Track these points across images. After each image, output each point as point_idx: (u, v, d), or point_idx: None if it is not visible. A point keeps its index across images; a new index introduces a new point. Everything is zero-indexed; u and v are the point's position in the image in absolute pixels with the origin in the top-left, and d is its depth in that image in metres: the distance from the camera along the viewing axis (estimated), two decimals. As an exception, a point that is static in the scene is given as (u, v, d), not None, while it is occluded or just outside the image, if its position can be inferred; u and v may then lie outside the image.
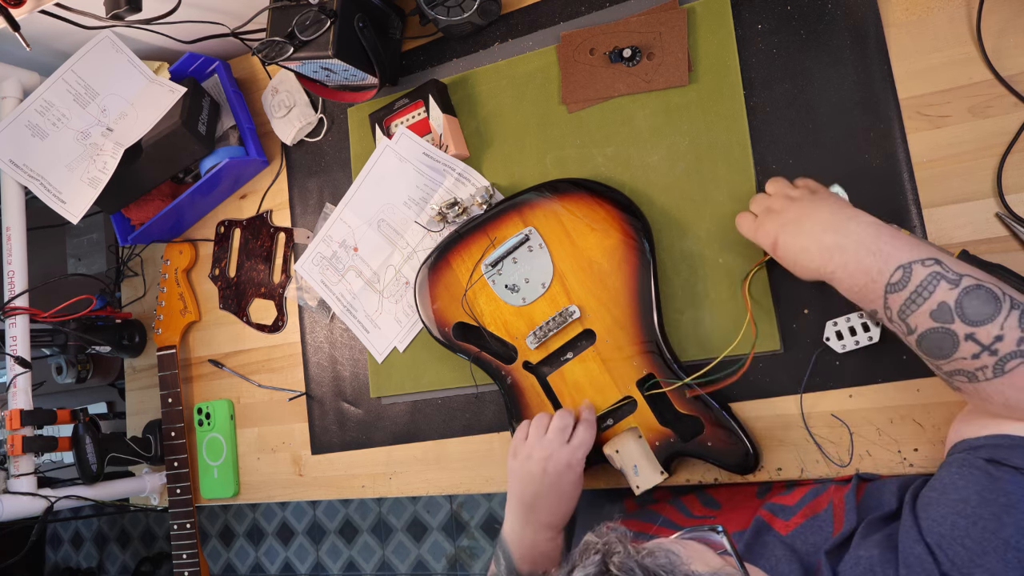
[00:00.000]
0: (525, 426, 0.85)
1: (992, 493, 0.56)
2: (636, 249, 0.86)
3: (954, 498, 0.58)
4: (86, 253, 1.47)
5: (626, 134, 0.93)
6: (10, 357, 1.10)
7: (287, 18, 0.93)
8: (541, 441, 0.82)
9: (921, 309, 0.61)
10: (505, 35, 1.01)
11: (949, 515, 0.57)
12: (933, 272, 0.61)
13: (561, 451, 0.81)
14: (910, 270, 0.62)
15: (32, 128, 1.10)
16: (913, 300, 0.62)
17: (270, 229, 1.18)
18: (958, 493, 0.58)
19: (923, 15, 0.81)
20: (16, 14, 0.91)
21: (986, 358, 0.59)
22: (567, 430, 0.82)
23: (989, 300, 0.59)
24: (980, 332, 0.59)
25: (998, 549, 0.54)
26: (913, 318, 0.62)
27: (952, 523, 0.57)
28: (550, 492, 0.80)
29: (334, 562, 2.34)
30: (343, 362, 1.11)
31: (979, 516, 0.56)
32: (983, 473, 0.58)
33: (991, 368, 0.59)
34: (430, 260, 0.97)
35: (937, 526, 0.58)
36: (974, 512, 0.56)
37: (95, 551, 2.79)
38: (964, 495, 0.58)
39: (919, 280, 0.62)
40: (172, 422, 1.18)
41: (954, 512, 0.57)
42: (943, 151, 0.79)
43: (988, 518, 0.55)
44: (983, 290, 0.60)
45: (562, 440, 0.81)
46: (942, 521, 0.58)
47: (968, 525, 0.56)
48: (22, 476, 1.07)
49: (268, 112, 1.16)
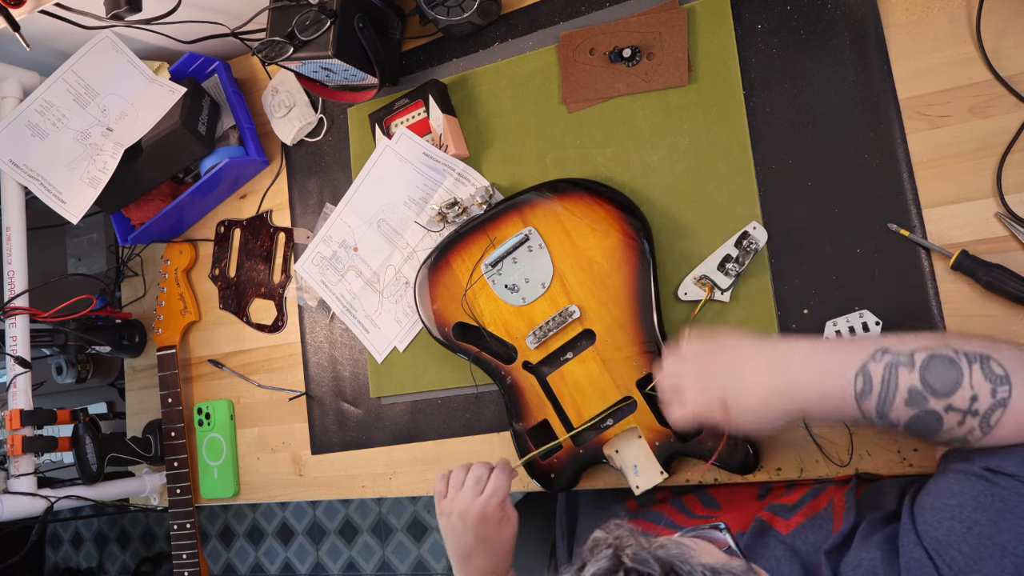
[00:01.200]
0: (442, 481, 0.85)
1: (988, 498, 0.56)
2: (636, 249, 0.86)
3: (951, 503, 0.58)
4: (86, 253, 1.47)
5: (626, 134, 0.93)
6: (10, 357, 1.10)
7: (287, 18, 0.93)
8: (457, 496, 0.82)
9: (896, 403, 0.61)
10: (505, 35, 1.01)
11: (946, 520, 0.58)
12: (887, 363, 0.61)
13: (473, 504, 0.80)
14: (867, 372, 0.62)
15: (32, 128, 1.10)
16: (884, 399, 0.62)
17: (270, 229, 1.18)
18: (955, 498, 0.58)
19: (923, 15, 0.81)
20: (16, 14, 0.91)
21: (970, 421, 0.59)
22: (481, 481, 0.82)
23: (947, 366, 0.60)
24: (955, 400, 0.59)
25: (995, 555, 0.54)
26: (892, 414, 0.62)
27: (949, 528, 0.57)
28: (476, 543, 0.81)
29: (334, 562, 2.34)
30: (343, 362, 1.11)
31: (975, 521, 0.56)
32: (979, 479, 0.58)
33: (978, 428, 0.59)
34: (430, 260, 0.97)
35: (934, 531, 0.58)
36: (970, 517, 0.56)
37: (95, 551, 2.79)
38: (960, 500, 0.58)
39: (880, 378, 0.61)
40: (172, 422, 1.18)
41: (951, 517, 0.57)
42: (943, 151, 0.79)
43: (984, 523, 0.55)
44: (937, 359, 0.60)
45: (476, 493, 0.81)
46: (938, 526, 0.58)
47: (964, 531, 0.56)
48: (22, 476, 1.07)
49: (268, 112, 1.16)
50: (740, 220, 0.86)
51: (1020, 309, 0.74)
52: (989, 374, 0.58)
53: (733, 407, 0.67)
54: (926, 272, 0.78)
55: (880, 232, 0.80)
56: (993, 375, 0.58)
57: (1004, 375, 0.58)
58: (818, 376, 0.64)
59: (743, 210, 0.86)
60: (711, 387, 0.68)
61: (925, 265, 0.78)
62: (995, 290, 0.74)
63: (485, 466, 0.83)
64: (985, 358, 0.59)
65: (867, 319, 0.79)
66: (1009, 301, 0.74)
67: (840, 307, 0.81)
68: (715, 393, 0.67)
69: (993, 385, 0.58)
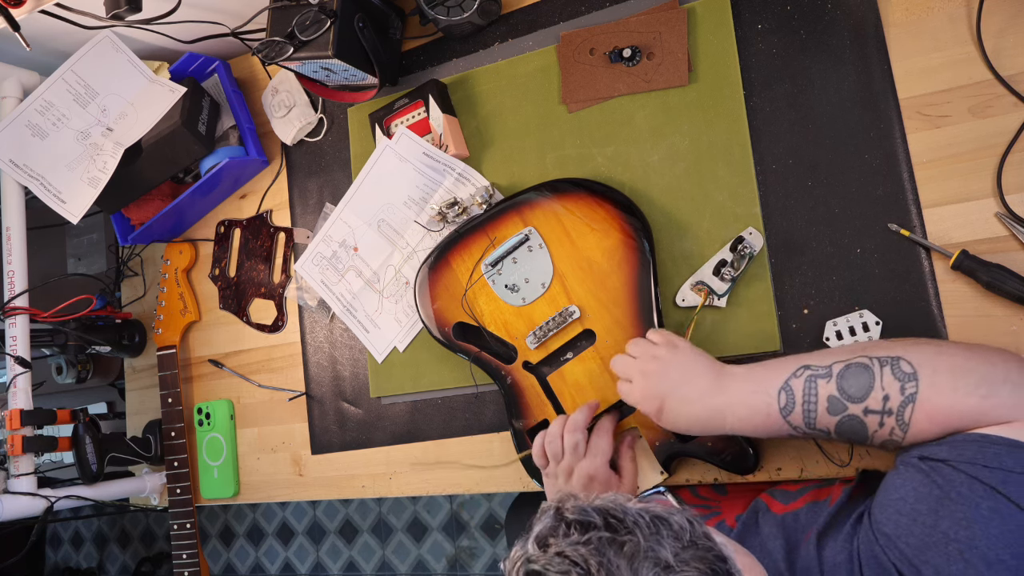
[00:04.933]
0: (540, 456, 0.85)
1: (926, 488, 0.58)
2: (636, 249, 0.86)
3: (894, 497, 0.60)
4: (86, 253, 1.47)
5: (626, 134, 0.93)
6: (10, 357, 1.10)
7: (287, 18, 0.93)
8: (560, 466, 0.83)
9: (819, 412, 0.66)
10: (505, 35, 1.01)
11: (892, 515, 0.59)
12: (807, 377, 0.67)
13: (579, 467, 0.81)
14: (789, 388, 0.67)
15: (32, 128, 1.09)
16: (808, 410, 0.66)
17: (270, 229, 1.18)
18: (897, 492, 0.60)
19: (923, 15, 0.81)
20: (16, 14, 0.91)
21: (888, 420, 0.63)
22: (580, 448, 0.82)
23: (860, 372, 0.64)
24: (870, 402, 0.63)
25: (939, 543, 0.55)
26: (819, 422, 0.66)
27: (896, 522, 0.58)
28: None
29: (334, 562, 2.34)
30: (343, 362, 1.11)
31: (918, 512, 0.57)
32: (916, 470, 0.60)
33: (897, 427, 0.62)
34: (430, 260, 0.97)
35: (883, 526, 0.59)
36: (913, 509, 0.58)
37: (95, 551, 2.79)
38: (903, 494, 0.59)
39: (800, 391, 0.67)
40: (172, 422, 1.18)
41: (896, 512, 0.59)
42: (943, 151, 0.79)
43: (926, 513, 0.57)
44: (852, 367, 0.65)
45: (577, 457, 0.82)
46: (886, 521, 0.59)
47: (909, 523, 0.57)
48: (22, 476, 1.07)
49: (268, 112, 1.16)
50: (740, 220, 0.86)
51: (1020, 309, 0.74)
52: (898, 373, 0.62)
53: (667, 410, 0.74)
54: (926, 272, 0.78)
55: (880, 232, 0.80)
56: (902, 373, 0.62)
57: (912, 372, 0.62)
58: (747, 395, 0.70)
59: (743, 210, 0.86)
60: (658, 385, 0.75)
61: (925, 265, 0.78)
62: (995, 290, 0.74)
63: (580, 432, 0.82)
64: (895, 359, 0.63)
65: (867, 319, 0.79)
66: (1009, 301, 0.74)
67: (840, 307, 0.81)
68: (655, 396, 0.75)
69: (901, 383, 0.62)
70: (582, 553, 0.48)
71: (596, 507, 0.51)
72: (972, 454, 0.57)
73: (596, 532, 0.49)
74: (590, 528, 0.49)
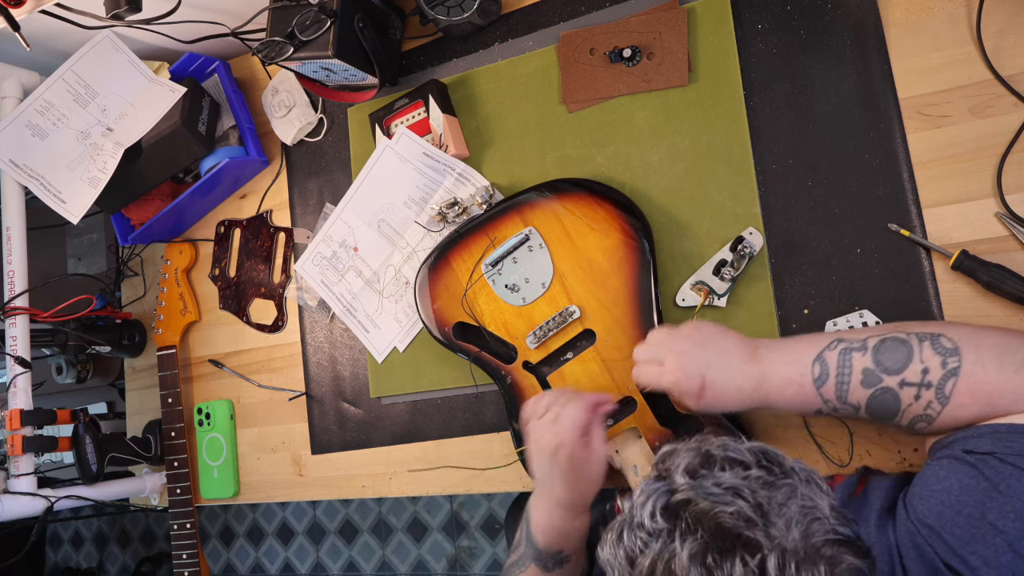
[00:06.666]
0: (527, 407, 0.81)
1: (973, 480, 0.58)
2: (636, 249, 0.86)
3: (936, 489, 0.60)
4: (86, 253, 1.47)
5: (626, 134, 0.93)
6: (10, 357, 1.10)
7: (287, 18, 0.93)
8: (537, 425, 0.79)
9: (852, 385, 0.65)
10: (505, 35, 1.01)
11: (935, 506, 0.59)
12: (841, 350, 0.66)
13: (547, 433, 0.76)
14: (823, 359, 0.67)
15: (32, 128, 1.09)
16: (841, 382, 0.66)
17: (270, 229, 1.18)
18: (940, 484, 0.60)
19: (923, 15, 0.81)
20: (16, 14, 0.91)
21: (926, 394, 0.62)
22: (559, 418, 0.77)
23: (898, 346, 0.64)
24: (908, 374, 0.63)
25: (986, 535, 0.55)
26: (851, 396, 0.66)
27: (939, 514, 0.58)
28: (553, 473, 0.76)
29: (334, 562, 2.34)
30: (343, 362, 1.11)
31: (964, 504, 0.57)
32: (961, 463, 0.59)
33: (936, 400, 0.62)
34: (430, 260, 0.97)
35: (926, 518, 0.59)
36: (958, 500, 0.57)
37: (95, 551, 2.79)
38: (946, 485, 0.59)
39: (835, 363, 0.66)
40: (172, 422, 1.18)
41: (940, 503, 0.59)
42: (943, 151, 0.79)
43: (972, 505, 0.56)
44: (888, 340, 0.64)
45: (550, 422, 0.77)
46: (928, 513, 0.59)
47: (954, 514, 0.57)
48: (22, 476, 1.07)
49: (268, 112, 1.16)
50: (740, 220, 0.86)
51: (1020, 309, 0.74)
52: (939, 348, 0.62)
53: (709, 384, 0.70)
54: (926, 272, 0.78)
55: (880, 232, 0.80)
56: (943, 348, 0.62)
57: (954, 348, 0.61)
58: (781, 364, 0.69)
59: (743, 210, 0.86)
60: (696, 361, 0.71)
61: (925, 265, 0.78)
62: (995, 290, 0.74)
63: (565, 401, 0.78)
64: (935, 336, 0.63)
65: (867, 319, 0.79)
66: (1009, 301, 0.74)
67: (840, 307, 0.81)
68: (698, 367, 0.71)
69: (943, 357, 0.61)
70: (749, 486, 0.48)
71: (749, 447, 0.52)
72: (1020, 447, 0.57)
73: (755, 470, 0.50)
74: (747, 466, 0.50)
